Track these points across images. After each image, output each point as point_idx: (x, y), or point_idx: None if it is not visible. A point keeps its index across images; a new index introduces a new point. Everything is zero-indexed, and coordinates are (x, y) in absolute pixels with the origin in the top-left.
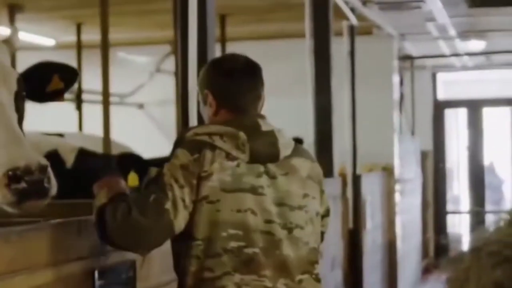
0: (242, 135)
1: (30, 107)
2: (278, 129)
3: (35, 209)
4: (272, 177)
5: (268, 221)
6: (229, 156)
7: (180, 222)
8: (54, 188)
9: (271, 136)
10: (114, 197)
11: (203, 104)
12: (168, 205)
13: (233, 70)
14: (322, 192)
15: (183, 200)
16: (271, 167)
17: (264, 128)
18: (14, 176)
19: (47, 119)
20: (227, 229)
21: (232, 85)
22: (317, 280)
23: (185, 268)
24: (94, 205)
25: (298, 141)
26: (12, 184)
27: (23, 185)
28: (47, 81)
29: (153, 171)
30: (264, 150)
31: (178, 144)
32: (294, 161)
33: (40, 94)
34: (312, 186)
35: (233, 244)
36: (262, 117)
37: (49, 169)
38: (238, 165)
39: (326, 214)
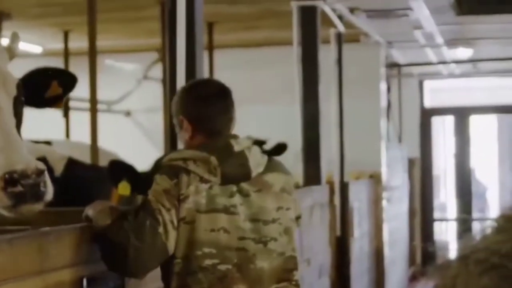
0: (213, 159)
1: None
2: (249, 147)
3: (31, 212)
4: (245, 195)
5: (242, 238)
6: (202, 179)
7: (172, 242)
8: (50, 192)
9: (242, 157)
10: (115, 220)
11: (179, 129)
12: (160, 229)
13: (207, 95)
14: (294, 201)
15: (172, 222)
16: (244, 185)
17: (237, 148)
18: (10, 180)
19: (33, 126)
20: (202, 248)
21: (207, 110)
22: (297, 286)
23: (169, 284)
24: (97, 226)
25: (281, 146)
26: (9, 188)
27: (19, 188)
28: (45, 87)
29: (139, 198)
30: (235, 171)
31: (155, 170)
32: (267, 177)
33: (38, 99)
34: (286, 199)
35: (207, 262)
36: (235, 137)
37: (46, 173)
38: (211, 187)
39: (297, 218)
